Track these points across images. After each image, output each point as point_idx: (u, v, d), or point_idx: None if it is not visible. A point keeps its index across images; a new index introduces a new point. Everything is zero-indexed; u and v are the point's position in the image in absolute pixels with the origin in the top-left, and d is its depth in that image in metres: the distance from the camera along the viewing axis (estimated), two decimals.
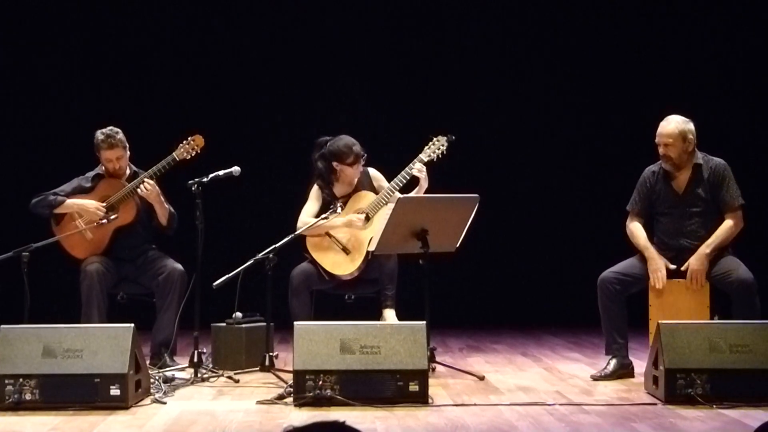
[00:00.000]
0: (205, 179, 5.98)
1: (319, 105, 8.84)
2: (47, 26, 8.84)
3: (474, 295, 9.03)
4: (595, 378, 5.88)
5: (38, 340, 5.05)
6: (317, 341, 5.11)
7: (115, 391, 4.95)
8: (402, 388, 5.05)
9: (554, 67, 9.11)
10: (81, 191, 6.36)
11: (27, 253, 5.69)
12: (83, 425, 4.65)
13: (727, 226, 5.85)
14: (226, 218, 8.51)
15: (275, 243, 5.80)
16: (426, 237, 5.71)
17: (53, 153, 8.43)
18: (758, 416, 4.68)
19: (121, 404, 4.95)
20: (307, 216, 6.28)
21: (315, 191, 6.36)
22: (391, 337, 5.15)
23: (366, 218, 6.26)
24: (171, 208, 6.42)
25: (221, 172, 6.07)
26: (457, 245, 5.92)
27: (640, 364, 5.77)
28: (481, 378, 5.89)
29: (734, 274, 5.74)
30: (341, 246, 6.25)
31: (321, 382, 5.02)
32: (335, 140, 6.34)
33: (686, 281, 5.79)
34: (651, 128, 5.99)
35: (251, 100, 8.96)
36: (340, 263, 6.24)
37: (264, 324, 6.14)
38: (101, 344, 5.04)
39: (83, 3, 8.93)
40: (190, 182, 5.97)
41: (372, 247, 5.95)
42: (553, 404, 5.10)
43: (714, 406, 4.94)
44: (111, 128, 6.31)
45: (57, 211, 6.29)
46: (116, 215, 6.27)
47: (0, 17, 8.74)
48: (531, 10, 9.13)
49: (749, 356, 5.11)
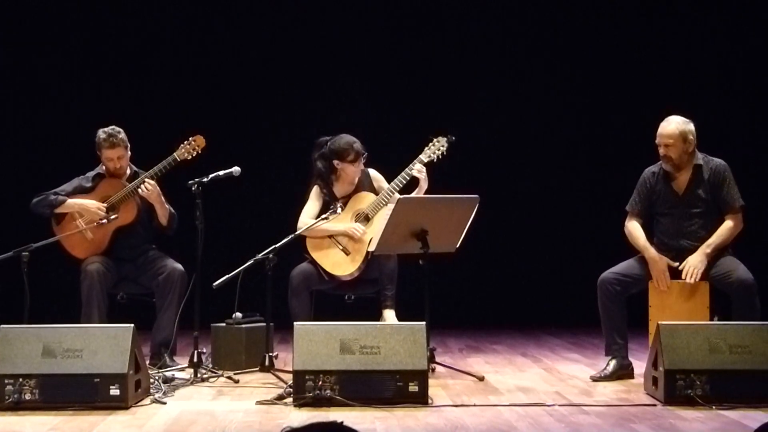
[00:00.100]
0: (205, 179, 5.99)
1: (319, 105, 8.84)
2: (47, 26, 8.83)
3: (474, 296, 9.02)
4: (595, 379, 5.87)
5: (38, 340, 5.05)
6: (317, 341, 5.11)
7: (115, 391, 4.95)
8: (402, 389, 5.05)
9: (554, 67, 9.10)
10: (81, 191, 6.36)
11: (27, 253, 5.69)
12: (83, 425, 4.65)
13: (728, 227, 5.85)
14: (226, 218, 8.51)
15: (275, 243, 5.80)
16: (426, 237, 5.70)
17: (53, 153, 8.42)
18: (758, 417, 4.68)
19: (121, 404, 4.95)
20: (307, 216, 6.28)
21: (315, 191, 6.36)
22: (391, 338, 5.15)
23: (366, 219, 6.27)
24: (171, 209, 6.42)
25: (221, 172, 6.07)
26: (457, 246, 5.92)
27: (640, 365, 5.76)
28: (481, 378, 5.89)
29: (734, 275, 5.74)
30: (341, 246, 6.25)
31: (321, 383, 5.02)
32: (336, 139, 6.34)
33: (686, 287, 5.78)
34: (651, 128, 5.99)
35: (251, 100, 8.95)
36: (340, 263, 6.24)
37: (264, 324, 6.14)
38: (101, 344, 5.04)
39: (83, 3, 8.93)
40: (190, 182, 5.97)
41: (372, 248, 5.96)
42: (553, 405, 5.10)
43: (713, 407, 4.94)
44: (113, 127, 6.31)
45: (58, 211, 6.29)
46: (117, 215, 6.26)
47: (0, 17, 8.74)
48: (531, 10, 9.12)
49: (749, 357, 5.11)
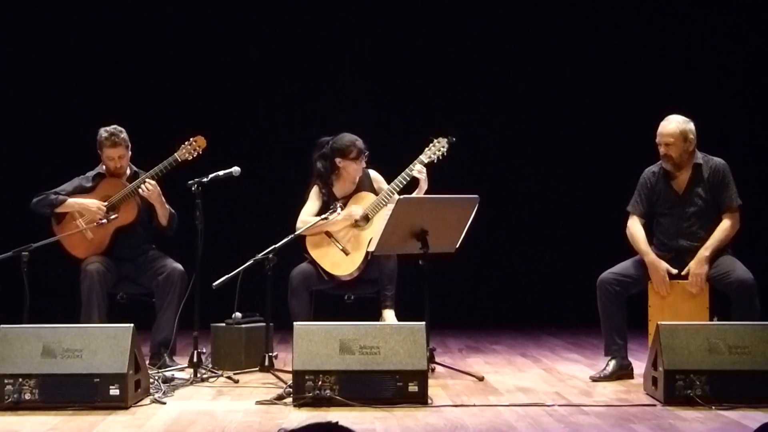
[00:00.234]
0: (205, 179, 5.99)
1: (319, 105, 8.84)
2: (47, 26, 8.83)
3: (473, 296, 9.02)
4: (595, 379, 5.87)
5: (38, 340, 5.05)
6: (317, 341, 5.11)
7: (115, 391, 4.95)
8: (401, 389, 5.05)
9: (554, 67, 9.10)
10: (82, 191, 6.36)
11: (27, 253, 5.69)
12: (82, 425, 4.65)
13: (725, 228, 5.84)
14: (226, 218, 8.51)
15: (275, 243, 5.80)
16: (426, 237, 5.70)
17: (53, 153, 8.42)
18: (757, 417, 4.68)
19: (121, 404, 4.95)
20: (307, 216, 6.28)
21: (315, 192, 6.35)
22: (391, 338, 5.15)
23: (366, 219, 6.26)
24: (171, 209, 6.42)
25: (221, 172, 6.07)
26: (457, 246, 5.92)
27: (640, 365, 5.76)
28: (481, 379, 5.89)
29: (733, 275, 5.73)
30: (341, 246, 6.24)
31: (320, 383, 5.02)
32: (338, 137, 6.34)
33: (688, 285, 5.78)
34: (651, 128, 5.99)
35: (251, 100, 8.95)
36: (340, 263, 6.24)
37: (263, 324, 6.14)
38: (101, 344, 5.04)
39: (83, 3, 8.93)
40: (190, 182, 5.97)
41: (372, 248, 5.96)
42: (552, 405, 5.10)
43: (713, 408, 4.93)
44: (115, 126, 6.31)
45: (58, 211, 6.29)
46: (117, 215, 6.27)
47: (0, 17, 8.74)
48: (531, 10, 9.13)
49: (748, 357, 5.10)
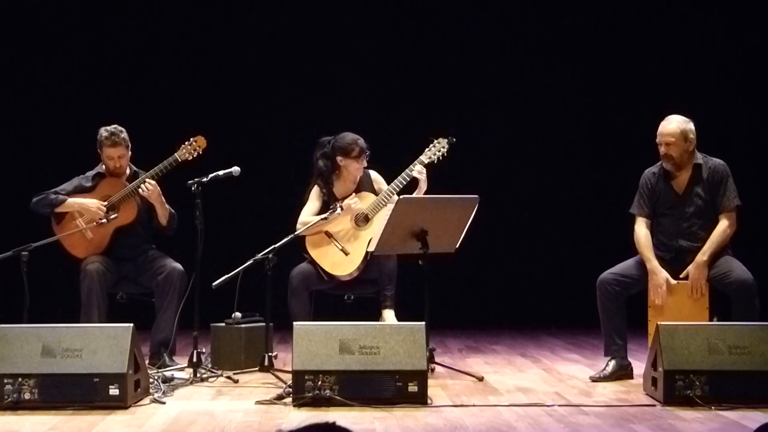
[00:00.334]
0: (205, 179, 5.99)
1: (319, 105, 8.84)
2: (47, 26, 8.83)
3: (473, 296, 9.02)
4: (594, 379, 5.87)
5: (37, 340, 5.05)
6: (316, 341, 5.11)
7: (114, 391, 4.95)
8: (401, 389, 5.05)
9: (554, 67, 9.10)
10: (82, 190, 6.36)
11: (26, 253, 5.69)
12: (82, 425, 4.65)
13: (721, 230, 5.82)
14: (226, 218, 8.51)
15: (275, 243, 5.80)
16: (426, 237, 5.70)
17: (53, 153, 8.42)
18: (757, 418, 4.68)
19: (120, 404, 4.95)
20: (307, 217, 6.28)
21: (315, 192, 6.35)
22: (391, 338, 5.14)
23: (366, 219, 6.26)
24: (171, 209, 6.42)
25: (221, 172, 6.07)
26: (457, 246, 5.92)
27: (639, 366, 5.77)
28: (480, 379, 5.89)
29: (733, 275, 5.73)
30: (340, 246, 6.24)
31: (320, 383, 5.02)
32: (340, 136, 6.34)
33: (687, 290, 5.77)
34: (651, 128, 5.98)
35: (251, 100, 8.95)
36: (340, 263, 6.23)
37: (263, 324, 6.14)
38: (100, 344, 5.04)
39: (83, 3, 8.93)
40: (190, 182, 5.97)
41: (371, 248, 5.96)
42: (552, 405, 5.10)
43: (713, 408, 4.93)
44: (115, 126, 6.31)
45: (58, 210, 6.28)
46: (116, 215, 6.26)
47: (0, 17, 8.74)
48: (531, 10, 9.13)
49: (748, 358, 5.10)
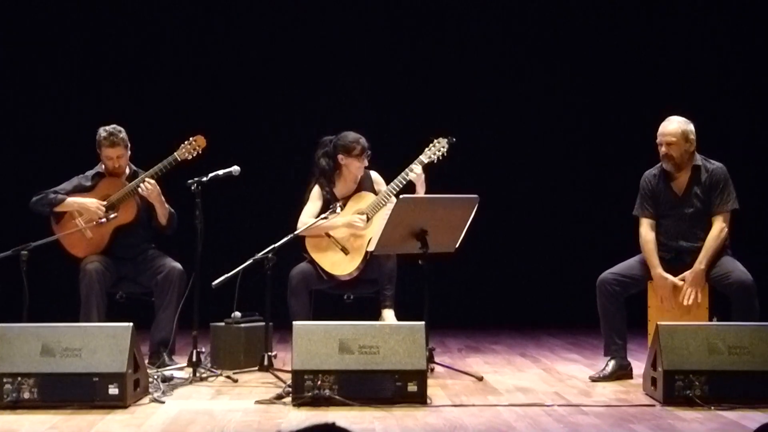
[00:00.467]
0: (205, 179, 5.99)
1: (319, 105, 8.84)
2: (47, 26, 8.83)
3: (473, 296, 9.02)
4: (594, 379, 5.87)
5: (37, 339, 5.05)
6: (316, 341, 5.11)
7: (114, 390, 4.95)
8: (401, 389, 5.05)
9: (554, 67, 9.10)
10: (81, 190, 6.36)
11: (26, 252, 5.68)
12: (81, 424, 4.65)
13: (715, 234, 5.78)
14: (226, 218, 8.51)
15: (274, 243, 5.81)
16: (425, 237, 5.70)
17: (53, 153, 8.42)
18: (756, 418, 4.68)
19: (120, 403, 4.95)
20: (308, 216, 6.28)
21: (316, 191, 6.35)
22: (390, 338, 5.14)
23: (366, 219, 6.26)
24: (170, 208, 6.42)
25: (221, 172, 6.07)
26: (457, 246, 5.91)
27: (639, 366, 5.77)
28: (480, 378, 5.89)
29: (733, 276, 5.72)
30: (340, 246, 6.24)
31: (320, 382, 5.01)
32: (342, 135, 6.34)
33: (680, 296, 5.75)
34: (651, 128, 5.98)
35: (251, 100, 8.95)
36: (339, 263, 6.23)
37: (263, 324, 6.13)
38: (100, 343, 5.04)
39: (83, 3, 8.93)
40: (190, 182, 5.97)
41: (371, 248, 5.95)
42: (552, 405, 5.10)
43: (712, 408, 4.93)
44: (114, 126, 6.31)
45: (57, 210, 6.28)
46: (116, 214, 6.26)
47: (0, 17, 8.74)
48: (531, 10, 9.13)
49: (748, 358, 5.10)
